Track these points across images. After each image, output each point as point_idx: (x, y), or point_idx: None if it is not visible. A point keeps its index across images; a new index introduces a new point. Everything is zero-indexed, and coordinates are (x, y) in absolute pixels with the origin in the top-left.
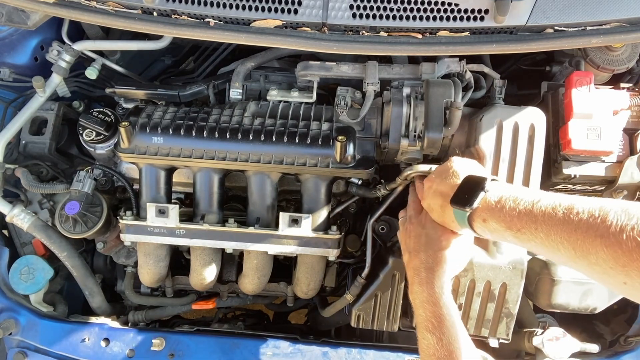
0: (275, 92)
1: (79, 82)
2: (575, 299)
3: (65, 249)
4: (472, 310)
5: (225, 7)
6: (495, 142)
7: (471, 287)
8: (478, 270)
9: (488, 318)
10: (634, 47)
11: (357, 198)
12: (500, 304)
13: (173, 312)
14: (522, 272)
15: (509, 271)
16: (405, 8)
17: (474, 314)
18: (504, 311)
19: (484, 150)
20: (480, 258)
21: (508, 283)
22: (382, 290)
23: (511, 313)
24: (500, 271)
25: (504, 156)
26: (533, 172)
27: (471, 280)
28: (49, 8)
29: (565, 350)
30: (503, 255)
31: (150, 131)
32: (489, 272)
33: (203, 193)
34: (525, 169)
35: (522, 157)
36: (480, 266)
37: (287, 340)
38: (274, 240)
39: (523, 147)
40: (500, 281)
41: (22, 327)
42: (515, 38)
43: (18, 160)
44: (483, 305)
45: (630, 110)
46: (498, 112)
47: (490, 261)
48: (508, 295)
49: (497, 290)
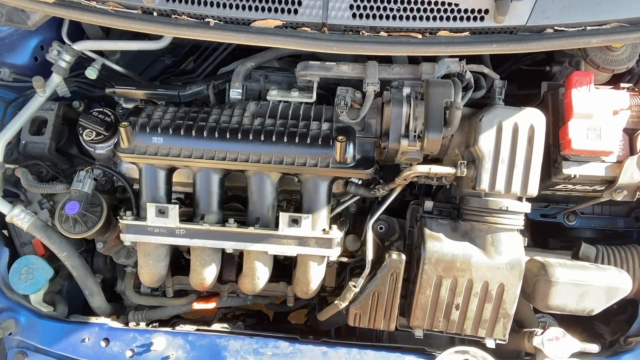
0: (275, 92)
1: (79, 82)
2: (573, 301)
3: (65, 249)
4: (470, 311)
5: (225, 7)
6: (494, 142)
7: (469, 287)
8: (476, 270)
9: (485, 318)
10: (634, 47)
11: (357, 198)
12: (497, 305)
13: (173, 312)
14: (520, 273)
15: (506, 272)
16: (405, 8)
17: (471, 314)
18: (501, 312)
19: (483, 151)
20: (479, 258)
21: (505, 284)
22: (380, 289)
23: (508, 314)
24: (498, 272)
25: (503, 157)
26: (532, 173)
27: (469, 280)
28: (49, 8)
29: (565, 350)
30: (501, 255)
31: (150, 131)
32: (487, 273)
33: (203, 193)
34: (525, 169)
35: (521, 157)
36: (478, 266)
37: (287, 340)
38: (273, 240)
39: (522, 148)
40: (498, 282)
41: (22, 327)
42: (515, 38)
43: (18, 160)
44: (480, 305)
45: (630, 110)
46: (498, 113)
47: (488, 261)
48: (505, 296)
49: (495, 291)
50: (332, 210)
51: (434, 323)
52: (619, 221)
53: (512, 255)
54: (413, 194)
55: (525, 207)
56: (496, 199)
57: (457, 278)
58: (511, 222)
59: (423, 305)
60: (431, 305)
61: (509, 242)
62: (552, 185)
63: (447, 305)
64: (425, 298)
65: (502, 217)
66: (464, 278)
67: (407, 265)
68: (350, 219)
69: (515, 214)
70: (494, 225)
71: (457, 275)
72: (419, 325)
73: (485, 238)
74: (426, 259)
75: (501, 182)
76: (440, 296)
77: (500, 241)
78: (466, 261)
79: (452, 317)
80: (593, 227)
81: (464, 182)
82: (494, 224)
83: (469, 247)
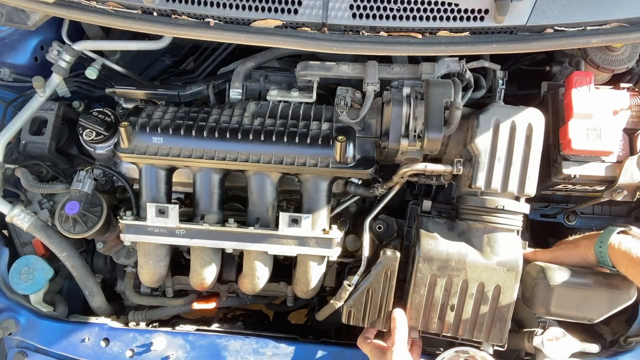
0: (275, 92)
1: (79, 82)
2: (573, 306)
3: (65, 249)
4: (465, 312)
5: (225, 7)
6: (491, 140)
7: (464, 288)
8: (471, 270)
9: (481, 321)
10: (634, 47)
11: (357, 198)
12: (493, 307)
13: (173, 312)
14: (517, 275)
15: (503, 273)
16: (405, 8)
17: (466, 316)
18: (497, 315)
19: (479, 148)
20: (474, 258)
21: (502, 285)
22: (374, 286)
23: (505, 317)
24: (494, 273)
25: (500, 155)
26: (530, 173)
27: (464, 281)
28: (49, 8)
29: (565, 350)
30: (497, 256)
31: (150, 131)
32: (483, 273)
33: (203, 193)
34: (522, 169)
35: (518, 156)
36: (473, 266)
37: (287, 340)
38: (273, 240)
39: (520, 147)
40: (494, 283)
41: (22, 327)
42: (515, 38)
43: (18, 160)
44: (476, 307)
45: (630, 110)
46: (496, 111)
47: (484, 262)
48: (502, 299)
49: (491, 293)
50: (332, 210)
51: (429, 324)
52: (619, 221)
53: (509, 256)
54: (413, 194)
55: (523, 207)
56: (493, 198)
57: (452, 278)
58: (508, 222)
59: (417, 305)
60: (425, 305)
61: (506, 242)
62: (552, 185)
63: (442, 305)
64: (420, 297)
65: (498, 217)
66: (459, 278)
67: (404, 265)
68: (350, 219)
69: (513, 213)
70: (491, 225)
71: (452, 274)
72: (414, 325)
73: (481, 238)
74: (420, 257)
75: (497, 180)
76: (434, 296)
77: (496, 241)
78: (461, 260)
79: (447, 318)
80: (593, 227)
81: (462, 181)
82: (491, 224)
83: (464, 247)
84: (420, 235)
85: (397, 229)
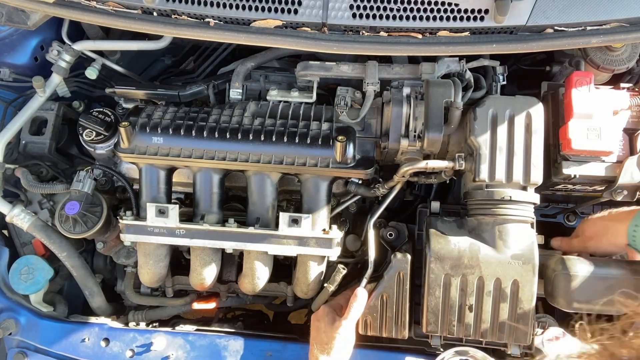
0: (275, 92)
1: (79, 82)
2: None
3: (65, 249)
4: (484, 312)
5: (225, 7)
6: (490, 131)
7: (480, 286)
8: (485, 266)
9: (502, 320)
10: (634, 47)
11: (357, 198)
12: (514, 304)
13: (173, 312)
14: (534, 268)
15: (519, 267)
16: (405, 8)
17: (486, 317)
18: (519, 312)
19: (479, 140)
20: (487, 252)
21: (520, 280)
22: (388, 291)
23: (527, 314)
24: (509, 267)
25: (500, 145)
26: (534, 161)
27: (479, 278)
28: (49, 8)
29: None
30: (510, 249)
31: (150, 131)
32: (498, 269)
33: (203, 193)
34: (525, 157)
35: (520, 145)
36: (487, 262)
37: (287, 340)
38: (273, 240)
39: (520, 136)
40: (511, 278)
41: (22, 327)
42: (515, 38)
43: (18, 160)
44: (495, 305)
45: (630, 110)
46: (492, 103)
47: (498, 256)
48: (521, 294)
49: (509, 289)
50: (332, 210)
51: (449, 328)
52: None
53: (523, 249)
54: (413, 194)
55: (531, 196)
56: (499, 189)
57: (466, 276)
58: (518, 213)
59: (434, 308)
60: (443, 308)
61: (518, 234)
62: (552, 185)
63: (459, 306)
64: (436, 300)
65: (507, 208)
66: (474, 276)
67: (418, 269)
68: (350, 219)
69: (522, 203)
70: (500, 217)
71: (466, 272)
72: (433, 330)
73: (492, 232)
74: (431, 257)
75: (501, 171)
76: (450, 297)
77: (508, 233)
78: (474, 257)
79: (467, 320)
80: None
81: (466, 177)
82: (500, 216)
83: (475, 242)
84: (429, 235)
85: (408, 234)
